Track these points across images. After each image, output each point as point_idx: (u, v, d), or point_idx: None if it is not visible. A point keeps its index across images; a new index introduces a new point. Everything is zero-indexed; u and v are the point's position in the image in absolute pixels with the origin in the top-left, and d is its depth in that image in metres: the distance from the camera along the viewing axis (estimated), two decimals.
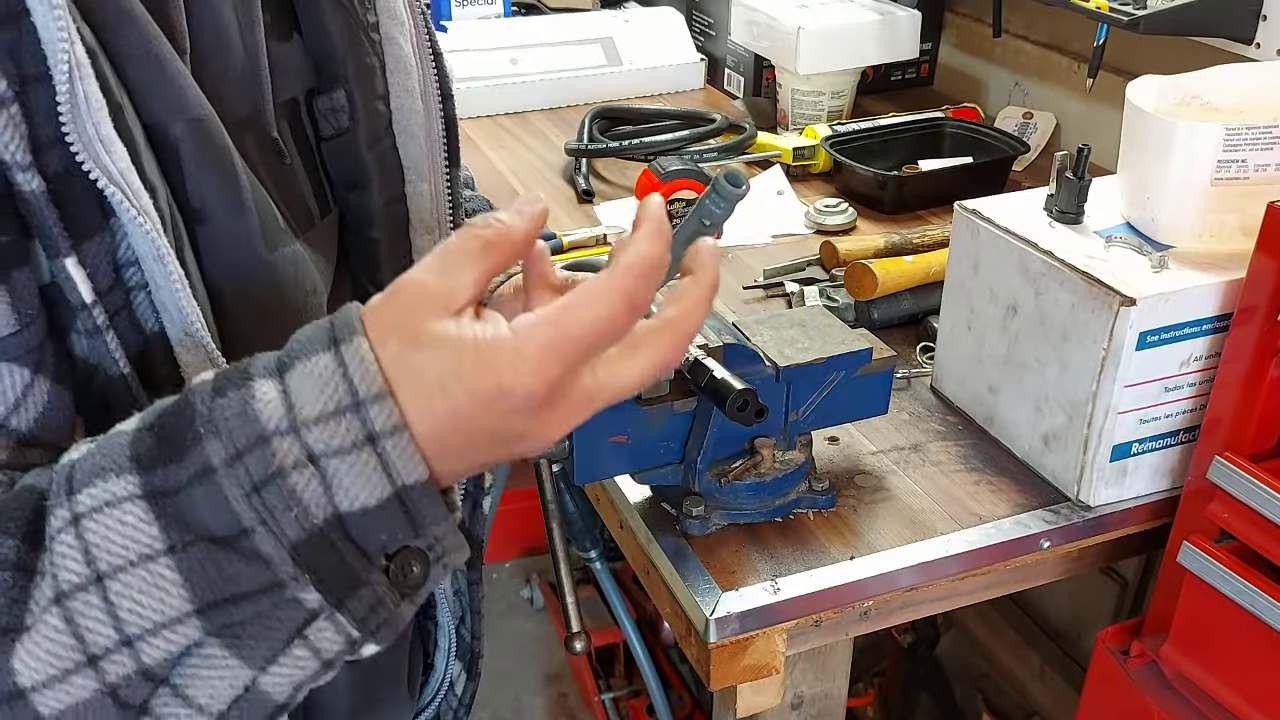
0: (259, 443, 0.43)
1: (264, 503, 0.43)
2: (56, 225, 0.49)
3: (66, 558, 0.43)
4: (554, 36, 1.81)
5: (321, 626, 0.45)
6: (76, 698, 0.44)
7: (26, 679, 0.43)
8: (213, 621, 0.44)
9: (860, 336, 0.90)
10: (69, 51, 0.47)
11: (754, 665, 0.83)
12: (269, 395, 0.43)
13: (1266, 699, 0.82)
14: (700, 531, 0.87)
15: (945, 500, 0.91)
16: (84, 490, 0.44)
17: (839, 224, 1.37)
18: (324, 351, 0.43)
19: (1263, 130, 0.86)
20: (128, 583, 0.43)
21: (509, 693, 2.18)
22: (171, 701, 0.45)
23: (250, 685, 0.45)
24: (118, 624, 0.43)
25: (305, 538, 0.43)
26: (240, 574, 0.43)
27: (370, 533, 0.44)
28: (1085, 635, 1.73)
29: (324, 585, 0.44)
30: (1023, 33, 1.67)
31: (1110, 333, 0.85)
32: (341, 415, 0.43)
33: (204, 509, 0.43)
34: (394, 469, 0.43)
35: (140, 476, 0.44)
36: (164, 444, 0.44)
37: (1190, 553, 0.85)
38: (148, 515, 0.43)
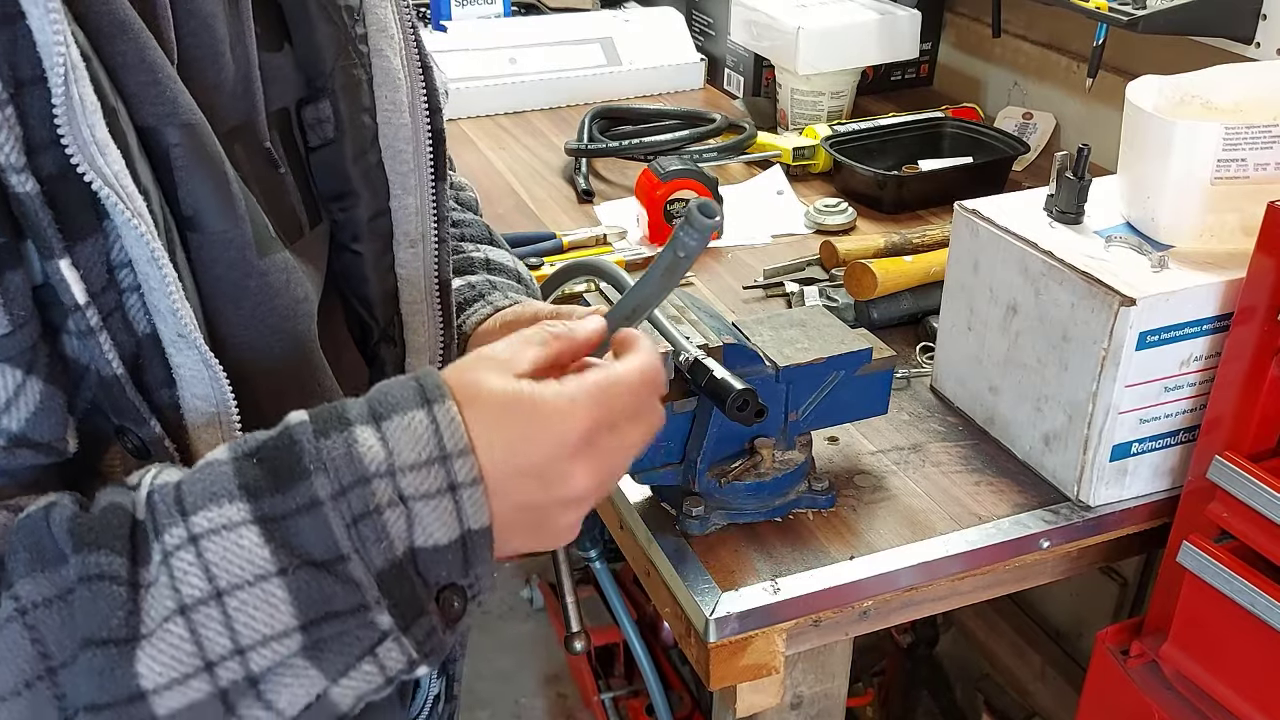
0: (361, 482, 0.49)
1: (359, 534, 0.49)
2: (50, 227, 0.49)
3: (189, 574, 0.48)
4: (554, 36, 1.81)
5: (390, 647, 0.50)
6: (191, 699, 0.48)
7: (149, 682, 0.48)
8: (310, 636, 0.49)
9: (860, 336, 0.90)
10: (64, 54, 0.47)
11: (754, 665, 0.83)
12: (370, 442, 0.50)
13: (1266, 699, 0.82)
14: (700, 531, 0.87)
15: (945, 500, 0.91)
16: (199, 513, 0.49)
17: (839, 224, 1.37)
18: (418, 409, 0.51)
19: (1262, 129, 0.86)
20: (244, 599, 0.48)
21: (509, 693, 2.17)
22: (255, 705, 0.49)
23: (322, 694, 0.50)
24: (234, 635, 0.48)
25: (387, 567, 0.50)
26: (336, 595, 0.49)
27: (434, 568, 0.51)
28: (1085, 635, 1.73)
29: (396, 610, 0.50)
30: (1022, 32, 1.67)
31: (1110, 333, 0.85)
32: (431, 465, 0.50)
33: (309, 536, 0.49)
34: (465, 515, 0.51)
35: (250, 504, 0.49)
36: (272, 475, 0.49)
37: (1190, 552, 0.85)
38: (260, 539, 0.48)
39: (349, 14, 0.66)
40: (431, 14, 1.83)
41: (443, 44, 1.76)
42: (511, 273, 0.87)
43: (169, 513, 0.49)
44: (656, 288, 0.61)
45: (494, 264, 0.87)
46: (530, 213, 1.43)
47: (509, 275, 0.87)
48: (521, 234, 1.33)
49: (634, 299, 0.62)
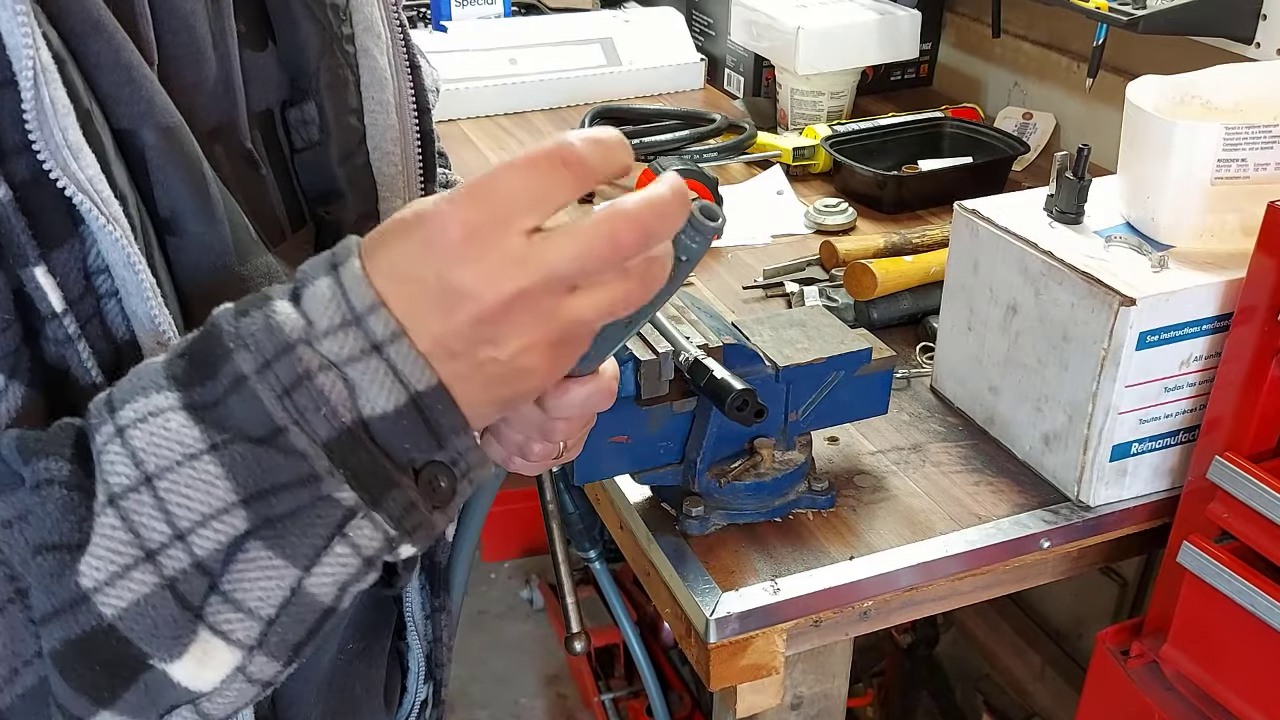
0: (285, 350, 0.46)
1: (295, 404, 0.46)
2: (24, 234, 0.48)
3: (116, 464, 0.46)
4: (554, 36, 1.81)
5: (359, 524, 0.47)
6: (138, 593, 0.46)
7: (89, 580, 0.45)
8: (256, 512, 0.46)
9: (860, 336, 0.90)
10: (33, 57, 0.47)
11: (754, 665, 0.83)
12: (288, 311, 0.47)
13: (1266, 699, 0.82)
14: (700, 531, 0.87)
15: (945, 500, 0.91)
16: (125, 406, 0.47)
17: (839, 224, 1.37)
18: (325, 275, 0.47)
19: (1263, 129, 0.86)
20: (175, 480, 0.46)
21: (508, 693, 2.17)
22: (223, 608, 0.46)
23: (296, 587, 0.47)
24: (169, 519, 0.46)
25: (335, 436, 0.46)
26: (279, 466, 0.46)
27: (395, 439, 0.47)
28: (1085, 635, 1.73)
29: (358, 483, 0.46)
30: (1022, 33, 1.67)
31: (1110, 333, 0.84)
32: (347, 328, 0.46)
33: (240, 414, 0.46)
34: (404, 376, 0.46)
35: (179, 392, 0.46)
36: (197, 363, 0.47)
37: (1190, 553, 0.85)
38: (189, 421, 0.46)
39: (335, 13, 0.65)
40: (431, 14, 1.83)
41: (443, 44, 1.76)
42: None
43: (98, 413, 0.47)
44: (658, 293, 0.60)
45: None
46: None
47: None
48: None
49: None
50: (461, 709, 2.13)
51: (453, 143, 1.65)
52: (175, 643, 0.46)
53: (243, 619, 0.47)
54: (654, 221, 0.47)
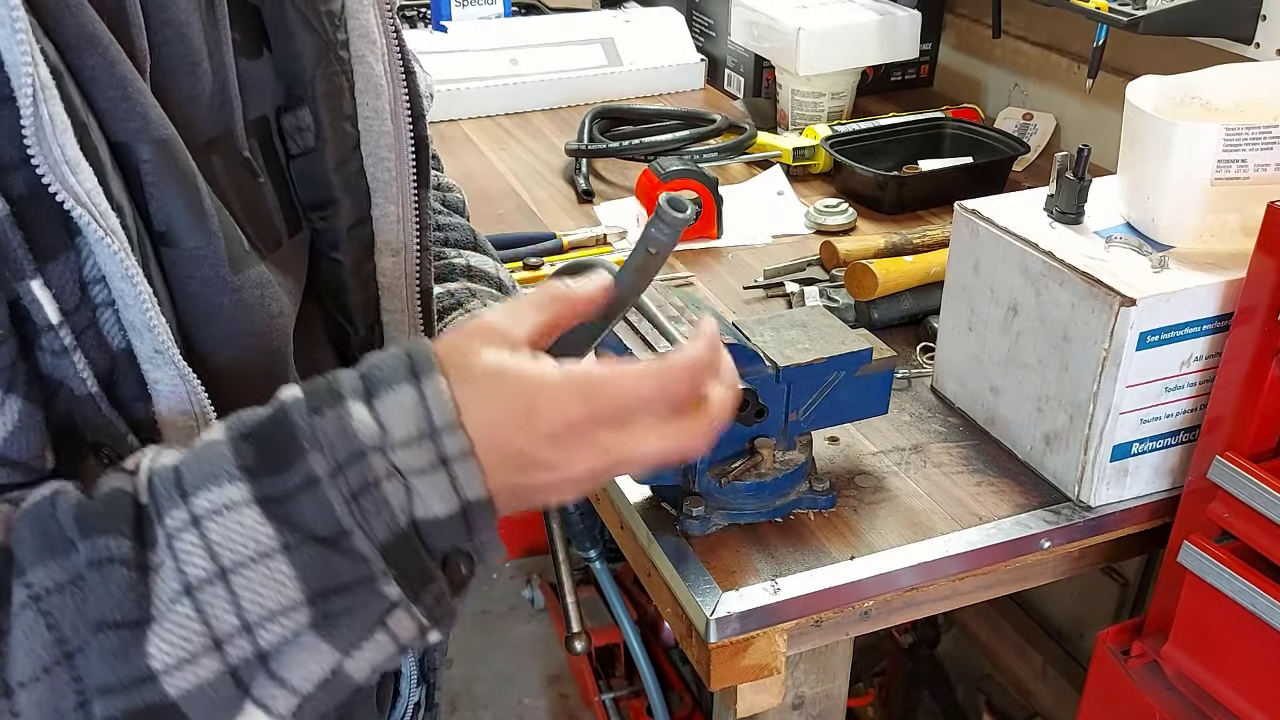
0: (357, 458, 0.49)
1: (360, 509, 0.49)
2: (21, 248, 0.49)
3: (192, 555, 0.48)
4: (554, 37, 1.81)
5: (400, 616, 0.50)
6: (203, 678, 0.48)
7: (159, 663, 0.48)
8: (318, 609, 0.49)
9: (860, 337, 0.90)
10: (32, 74, 0.47)
11: (754, 665, 0.83)
12: (363, 417, 0.50)
13: (1267, 699, 0.82)
14: (700, 531, 0.87)
15: (946, 500, 0.91)
16: (199, 494, 0.49)
17: (839, 224, 1.37)
18: (407, 384, 0.50)
19: (1262, 130, 0.86)
20: (249, 577, 0.48)
21: (510, 693, 2.18)
22: (269, 684, 0.49)
23: (337, 669, 0.50)
24: (240, 612, 0.48)
25: (391, 539, 0.50)
26: (342, 569, 0.49)
27: (438, 538, 0.51)
28: (1086, 635, 1.73)
29: (404, 580, 0.50)
30: (1022, 33, 1.67)
31: (1111, 333, 0.85)
32: (423, 440, 0.50)
33: (310, 513, 0.49)
34: (461, 487, 0.50)
35: (250, 484, 0.49)
36: (268, 455, 0.49)
37: (1191, 552, 0.85)
38: (262, 518, 0.48)
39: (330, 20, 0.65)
40: (432, 14, 1.83)
41: (443, 44, 1.76)
42: (493, 280, 0.86)
43: (169, 496, 0.49)
44: (629, 287, 0.60)
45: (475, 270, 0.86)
46: (531, 213, 1.43)
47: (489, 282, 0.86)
48: (522, 234, 1.33)
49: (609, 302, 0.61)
50: (465, 709, 2.13)
51: (454, 143, 1.65)
52: (224, 717, 0.49)
53: (285, 695, 0.50)
54: (720, 415, 0.56)
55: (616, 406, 0.52)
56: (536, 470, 0.52)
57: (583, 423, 0.51)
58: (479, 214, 1.39)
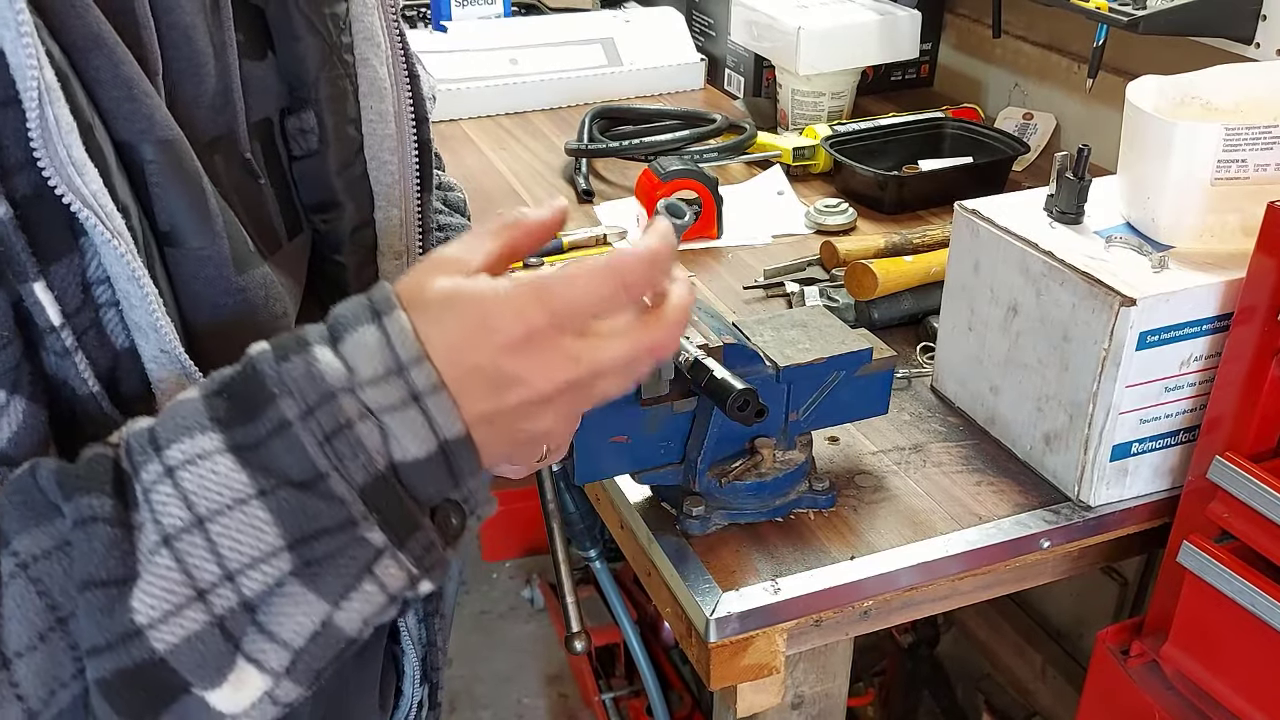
0: (327, 399, 0.48)
1: (335, 451, 0.48)
2: (25, 251, 0.49)
3: (168, 505, 0.48)
4: (554, 36, 1.81)
5: (386, 564, 0.50)
6: (189, 630, 0.47)
7: (144, 617, 0.47)
8: (300, 555, 0.48)
9: (860, 336, 0.90)
10: (38, 77, 0.47)
11: (754, 665, 0.83)
12: (330, 359, 0.49)
13: (1267, 698, 0.82)
14: (700, 531, 0.87)
15: (945, 500, 0.91)
16: (172, 446, 0.48)
17: (839, 224, 1.37)
18: (369, 324, 0.49)
19: (1262, 130, 0.87)
20: (226, 524, 0.48)
21: (510, 693, 2.18)
22: (259, 638, 0.49)
23: (326, 621, 0.49)
24: (220, 560, 0.48)
25: (370, 482, 0.49)
26: (320, 512, 0.48)
27: (420, 483, 0.50)
28: (1086, 635, 1.73)
29: (387, 526, 0.49)
30: (1022, 33, 1.67)
31: (1111, 333, 0.85)
32: (390, 377, 0.49)
33: (283, 458, 0.48)
34: (437, 424, 0.49)
35: (222, 434, 0.48)
36: (239, 404, 0.49)
37: (1190, 552, 0.85)
38: (236, 465, 0.48)
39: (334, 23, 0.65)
40: (432, 14, 1.83)
41: (443, 44, 1.76)
42: None
43: (143, 450, 0.49)
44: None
45: None
46: None
47: None
48: None
49: None
50: (464, 708, 2.13)
51: (454, 143, 1.65)
52: (217, 673, 0.48)
53: (276, 649, 0.49)
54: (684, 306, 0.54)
55: (575, 308, 0.51)
56: (505, 389, 0.50)
57: (543, 330, 0.50)
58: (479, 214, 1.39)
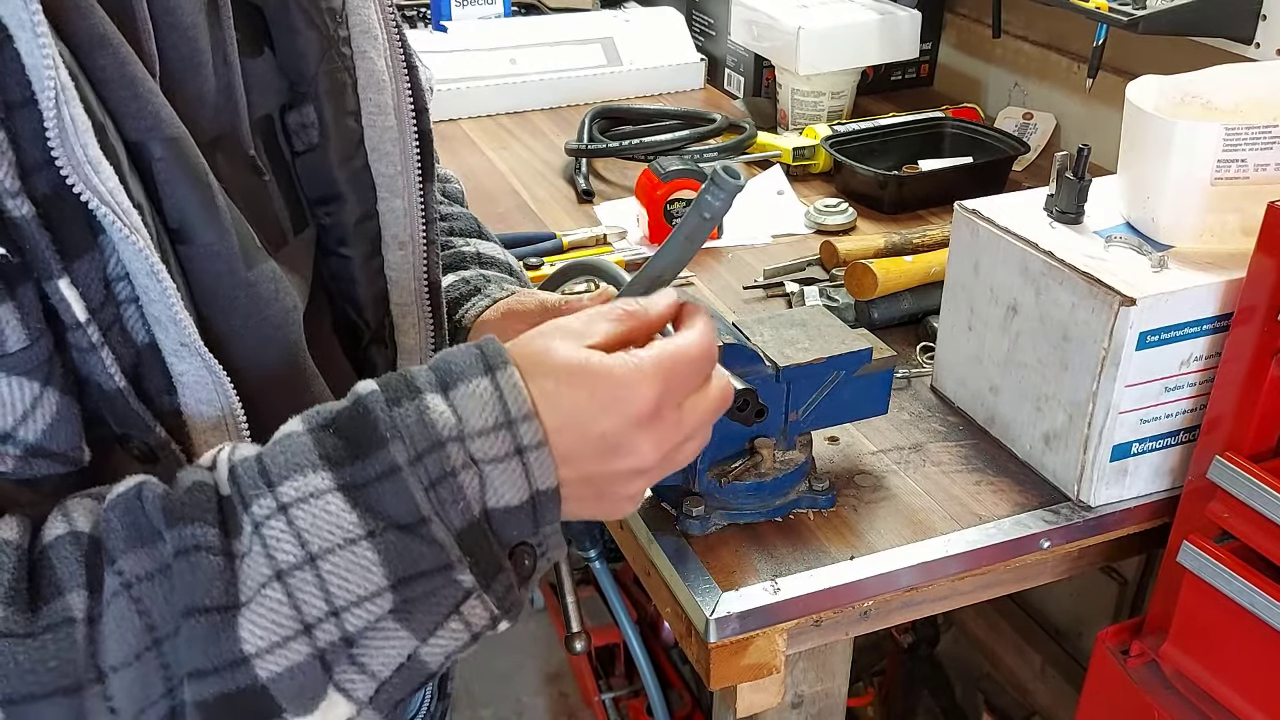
0: (436, 448, 0.51)
1: (438, 497, 0.51)
2: (49, 248, 0.49)
3: (281, 541, 0.50)
4: (554, 36, 1.81)
5: (473, 604, 0.52)
6: (292, 661, 0.50)
7: (251, 646, 0.49)
8: (400, 595, 0.51)
9: (860, 336, 0.90)
10: (54, 77, 0.47)
11: (754, 665, 0.83)
12: (441, 409, 0.52)
13: (1266, 698, 0.82)
14: (700, 531, 0.87)
15: (945, 500, 0.92)
16: (284, 483, 0.50)
17: (839, 224, 1.37)
18: (482, 376, 0.53)
19: (1262, 130, 0.87)
20: (336, 563, 0.50)
21: (510, 692, 2.18)
22: (350, 670, 0.51)
23: (412, 654, 0.52)
24: (328, 597, 0.50)
25: (465, 527, 0.52)
26: (422, 555, 0.51)
27: (506, 528, 0.53)
28: (1085, 634, 1.73)
29: (477, 569, 0.52)
30: (1022, 33, 1.67)
31: (1110, 332, 0.85)
32: (499, 430, 0.52)
33: (390, 500, 0.50)
34: (533, 477, 0.53)
35: (332, 472, 0.50)
36: (350, 444, 0.51)
37: (1190, 552, 0.85)
38: (346, 505, 0.50)
39: (331, 16, 0.66)
40: (432, 14, 1.83)
41: (443, 44, 1.76)
42: (503, 265, 0.87)
43: (255, 484, 0.50)
44: (680, 252, 0.62)
45: (485, 257, 0.87)
46: (531, 213, 1.43)
47: (500, 268, 0.87)
48: (521, 234, 1.33)
49: (657, 265, 0.62)
50: (464, 707, 2.13)
51: (454, 142, 1.65)
52: (311, 702, 0.50)
53: (364, 680, 0.51)
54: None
55: (686, 383, 0.56)
56: (620, 456, 0.55)
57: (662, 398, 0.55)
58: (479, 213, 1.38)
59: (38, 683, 0.47)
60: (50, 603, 0.49)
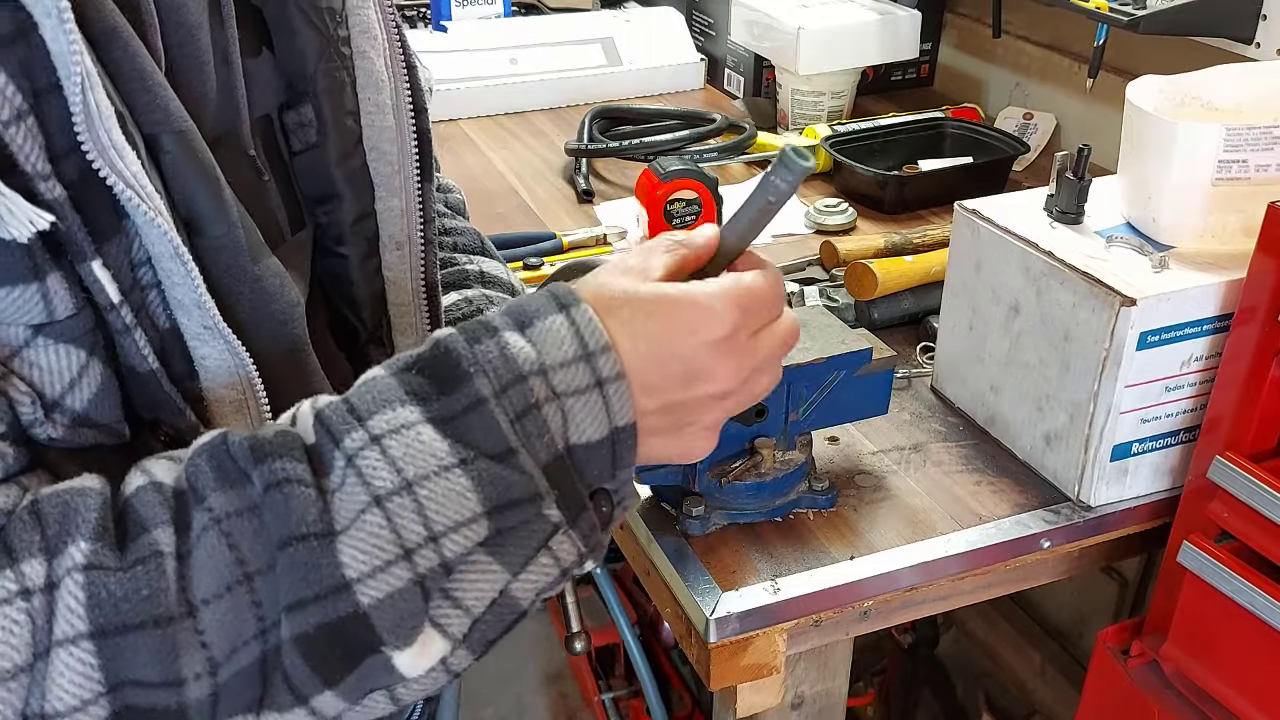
0: (518, 380, 0.52)
1: (524, 429, 0.52)
2: (80, 230, 0.50)
3: (377, 469, 0.50)
4: (554, 36, 1.81)
5: (561, 540, 0.53)
6: (393, 586, 0.50)
7: (353, 571, 0.49)
8: (494, 523, 0.51)
9: (860, 336, 0.90)
10: (81, 63, 0.48)
11: (754, 665, 0.83)
12: (520, 344, 0.53)
13: (1267, 698, 0.82)
14: (700, 531, 0.87)
15: (946, 500, 0.91)
16: (374, 417, 0.51)
17: (839, 224, 1.37)
18: (557, 313, 0.54)
19: (1263, 130, 0.86)
20: (432, 489, 0.50)
21: (510, 692, 2.18)
22: (444, 604, 0.51)
23: (504, 590, 0.52)
24: (427, 523, 0.50)
25: (551, 461, 0.53)
26: (514, 484, 0.51)
27: (588, 466, 0.54)
28: (1086, 634, 1.73)
29: (563, 503, 0.53)
30: (1023, 33, 1.67)
31: (1111, 333, 0.85)
32: (578, 363, 0.53)
33: (478, 431, 0.51)
34: (613, 411, 0.54)
35: (421, 407, 0.51)
36: (434, 380, 0.52)
37: (1190, 552, 0.85)
38: (438, 435, 0.51)
39: (331, 16, 0.66)
40: (431, 14, 1.83)
41: (443, 44, 1.76)
42: (505, 285, 0.87)
43: (344, 420, 0.51)
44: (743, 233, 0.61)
45: (489, 277, 0.87)
46: (531, 213, 1.43)
47: (503, 288, 0.87)
48: (522, 234, 1.33)
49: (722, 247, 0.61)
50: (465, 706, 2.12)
51: (454, 142, 1.65)
52: (410, 634, 0.50)
53: (459, 615, 0.52)
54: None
55: (758, 311, 0.58)
56: (698, 382, 0.56)
57: (738, 329, 0.56)
58: (479, 213, 1.39)
59: (133, 612, 0.47)
60: (137, 539, 0.49)
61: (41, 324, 0.50)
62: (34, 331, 0.50)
